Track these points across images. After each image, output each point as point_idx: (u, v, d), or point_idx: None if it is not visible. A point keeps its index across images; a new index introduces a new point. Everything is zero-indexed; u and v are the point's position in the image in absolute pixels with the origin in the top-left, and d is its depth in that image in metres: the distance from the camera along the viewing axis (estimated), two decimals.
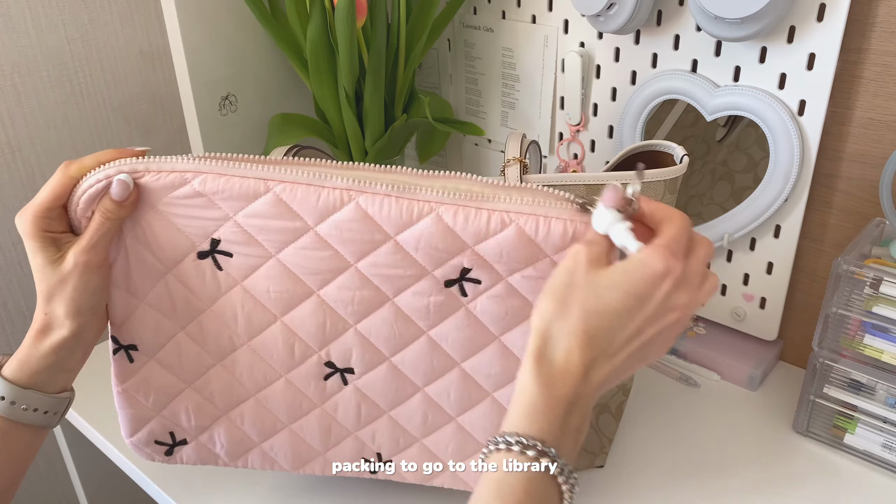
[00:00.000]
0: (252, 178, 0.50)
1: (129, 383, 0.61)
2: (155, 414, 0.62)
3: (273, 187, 0.50)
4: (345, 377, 0.59)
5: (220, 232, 0.53)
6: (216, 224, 0.53)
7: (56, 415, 0.55)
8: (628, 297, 0.42)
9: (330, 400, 0.61)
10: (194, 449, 0.64)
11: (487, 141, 1.03)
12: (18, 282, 0.91)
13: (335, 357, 0.58)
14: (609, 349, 0.42)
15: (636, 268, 0.42)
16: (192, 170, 0.51)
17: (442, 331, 0.56)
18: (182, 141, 1.02)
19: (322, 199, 0.50)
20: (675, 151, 0.61)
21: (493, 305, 0.54)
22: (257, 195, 0.50)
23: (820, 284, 0.81)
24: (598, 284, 0.42)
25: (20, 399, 0.52)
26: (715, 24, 0.69)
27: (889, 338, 0.67)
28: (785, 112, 0.72)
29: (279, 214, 0.51)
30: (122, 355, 0.60)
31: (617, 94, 0.85)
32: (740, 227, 0.79)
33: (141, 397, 0.62)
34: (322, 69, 0.87)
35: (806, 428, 0.75)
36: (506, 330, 0.55)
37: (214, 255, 0.54)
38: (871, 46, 0.69)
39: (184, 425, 0.63)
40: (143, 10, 0.92)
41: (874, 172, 0.73)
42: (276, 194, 0.50)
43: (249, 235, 0.53)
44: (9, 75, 0.84)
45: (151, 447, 0.64)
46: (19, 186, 0.88)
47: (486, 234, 0.50)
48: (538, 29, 0.89)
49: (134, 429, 0.63)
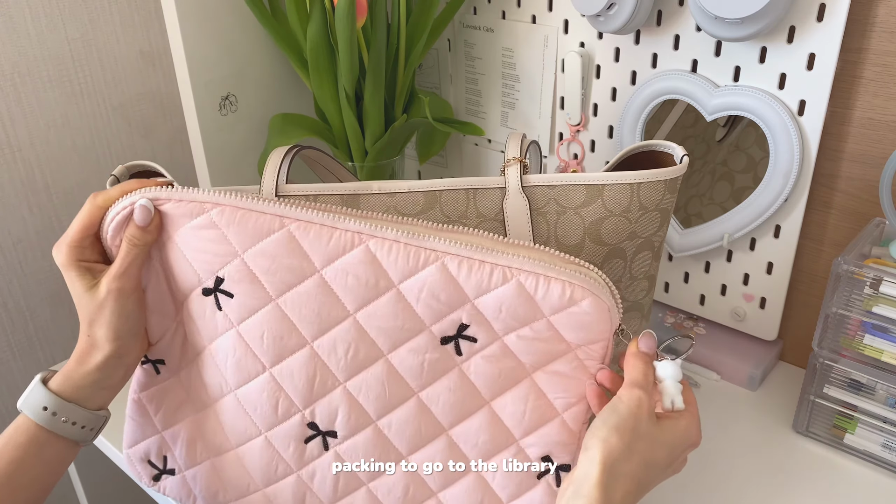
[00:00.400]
0: (269, 214, 0.52)
1: (147, 393, 0.62)
2: (157, 431, 0.63)
3: (288, 224, 0.51)
4: (326, 441, 0.58)
5: (225, 270, 0.54)
6: (223, 261, 0.53)
7: (93, 431, 0.56)
8: (671, 455, 0.50)
9: (307, 466, 0.60)
10: (178, 483, 0.64)
11: (487, 141, 1.03)
12: (18, 282, 0.91)
13: (319, 418, 0.57)
14: (645, 491, 0.50)
15: (682, 433, 0.51)
16: (212, 201, 0.52)
17: (433, 392, 0.55)
18: (182, 141, 1.02)
19: (333, 241, 0.51)
20: (675, 151, 0.61)
21: (487, 366, 0.54)
22: (271, 231, 0.52)
23: (820, 284, 0.81)
24: (655, 440, 0.49)
25: (62, 411, 0.54)
26: (715, 24, 0.69)
27: (889, 338, 0.67)
28: (785, 112, 0.72)
29: (288, 253, 0.52)
30: (149, 367, 0.61)
31: (617, 94, 0.85)
32: (740, 227, 0.79)
33: (152, 409, 0.63)
34: (322, 69, 0.87)
35: (806, 428, 0.75)
36: (497, 394, 0.55)
37: (217, 294, 0.55)
38: (870, 46, 0.69)
39: (176, 453, 0.63)
40: (143, 10, 0.92)
41: (874, 172, 0.73)
42: (290, 232, 0.51)
43: (253, 275, 0.53)
44: (9, 75, 0.84)
45: (143, 465, 0.65)
46: (19, 186, 0.88)
47: (487, 288, 0.51)
48: (538, 29, 0.89)
49: (134, 440, 0.64)
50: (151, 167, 0.66)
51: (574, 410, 0.54)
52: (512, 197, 0.61)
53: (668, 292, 0.91)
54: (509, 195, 0.61)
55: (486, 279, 0.50)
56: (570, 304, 0.50)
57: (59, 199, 0.92)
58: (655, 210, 0.61)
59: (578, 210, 0.60)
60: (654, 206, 0.60)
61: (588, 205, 0.60)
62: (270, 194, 0.62)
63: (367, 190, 0.62)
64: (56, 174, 0.91)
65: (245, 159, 1.02)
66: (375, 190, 0.62)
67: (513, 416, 0.55)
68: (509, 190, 0.61)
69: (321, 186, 0.62)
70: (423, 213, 0.62)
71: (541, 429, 0.55)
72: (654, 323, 0.90)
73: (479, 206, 0.62)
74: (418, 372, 0.55)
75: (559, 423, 0.54)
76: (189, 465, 0.63)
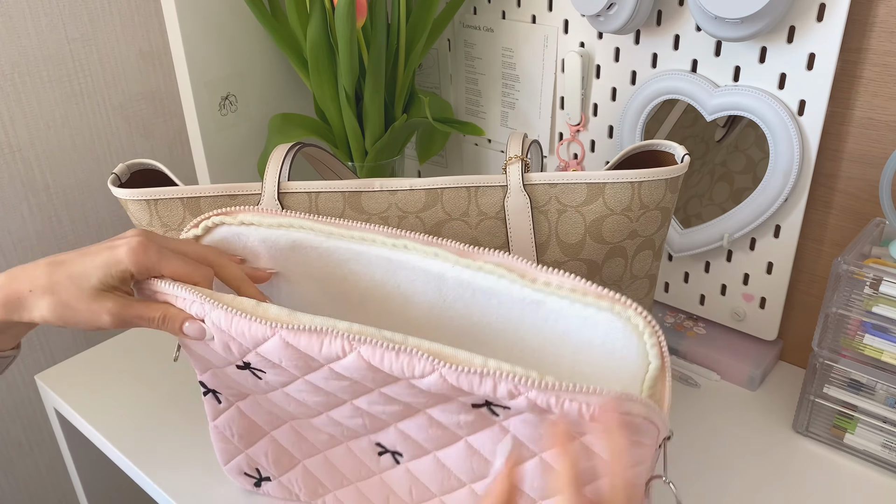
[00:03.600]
0: (258, 324, 0.49)
1: (219, 421, 0.63)
2: (241, 451, 0.64)
3: (278, 331, 0.49)
4: (396, 458, 0.58)
5: (248, 357, 0.53)
6: (242, 353, 0.52)
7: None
8: None
9: (386, 473, 0.60)
10: (277, 486, 0.66)
11: (487, 141, 1.03)
12: None
13: (384, 441, 0.57)
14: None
15: None
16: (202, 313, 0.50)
17: (479, 440, 0.53)
18: (182, 141, 1.02)
19: (325, 348, 0.48)
20: (676, 151, 0.61)
21: (527, 428, 0.49)
22: (265, 338, 0.49)
23: (820, 284, 0.81)
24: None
25: None
26: (715, 24, 0.69)
27: (889, 338, 0.67)
28: (785, 112, 0.72)
29: (289, 356, 0.50)
30: (210, 397, 0.61)
31: (617, 94, 0.85)
32: (740, 227, 0.79)
33: (228, 434, 0.63)
34: (322, 69, 0.87)
35: (806, 428, 0.75)
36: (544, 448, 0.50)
37: (251, 370, 0.54)
38: (870, 46, 0.69)
39: (265, 466, 0.64)
40: (143, 10, 0.92)
41: (874, 172, 0.73)
42: (283, 338, 0.49)
43: (273, 363, 0.52)
44: (9, 75, 0.84)
45: (242, 477, 0.67)
46: (19, 186, 0.88)
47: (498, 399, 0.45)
48: (538, 29, 0.89)
49: (225, 460, 0.66)
50: (153, 165, 0.66)
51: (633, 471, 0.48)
52: (513, 195, 0.61)
53: (668, 292, 0.91)
54: (511, 193, 0.61)
55: (491, 391, 0.44)
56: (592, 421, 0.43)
57: (59, 199, 0.92)
58: (656, 209, 0.61)
59: (580, 208, 0.61)
60: (655, 205, 0.61)
61: (589, 203, 0.60)
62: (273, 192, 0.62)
63: (368, 187, 0.62)
64: (56, 174, 0.91)
65: (245, 159, 1.02)
66: (377, 187, 0.62)
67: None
68: (511, 188, 0.61)
69: (323, 184, 0.62)
70: (425, 211, 0.62)
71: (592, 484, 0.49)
72: None
73: (480, 204, 0.62)
74: (456, 426, 0.52)
75: None
76: (282, 473, 0.65)
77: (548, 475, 0.52)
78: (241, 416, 0.62)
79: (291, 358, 0.50)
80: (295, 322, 0.48)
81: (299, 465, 0.64)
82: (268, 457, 0.64)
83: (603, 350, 0.49)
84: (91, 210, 0.96)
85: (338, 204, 0.62)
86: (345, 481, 0.63)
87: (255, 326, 0.49)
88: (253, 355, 0.51)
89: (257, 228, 0.56)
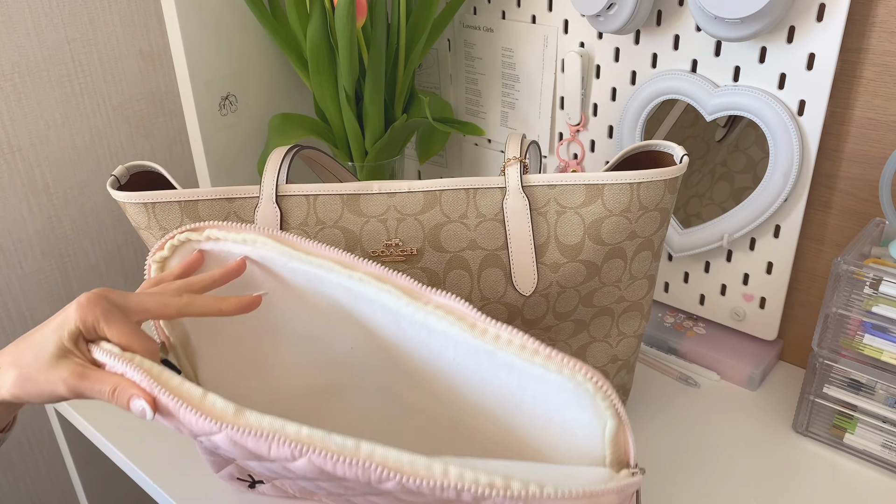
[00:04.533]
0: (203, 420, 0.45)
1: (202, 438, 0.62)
2: (231, 461, 0.64)
3: (224, 428, 0.45)
4: None
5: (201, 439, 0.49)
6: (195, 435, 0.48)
7: None
8: None
9: None
10: (271, 488, 0.66)
11: (487, 141, 1.03)
12: (18, 282, 0.91)
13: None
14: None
15: None
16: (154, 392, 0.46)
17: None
18: (182, 141, 1.02)
19: (273, 451, 0.44)
20: (674, 151, 0.61)
21: None
22: (212, 433, 0.46)
23: (820, 284, 0.81)
24: None
25: None
26: (715, 24, 0.69)
27: (889, 338, 0.67)
28: (785, 112, 0.72)
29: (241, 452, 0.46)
30: None
31: (617, 94, 0.85)
32: (740, 227, 0.79)
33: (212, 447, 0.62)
34: (322, 69, 0.87)
35: (806, 428, 0.75)
36: None
37: None
38: (870, 46, 0.69)
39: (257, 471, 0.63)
40: (143, 10, 0.92)
41: (874, 172, 0.73)
42: (229, 436, 0.45)
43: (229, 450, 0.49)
44: (9, 75, 0.84)
45: (235, 482, 0.66)
46: (19, 186, 0.88)
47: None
48: (538, 29, 0.89)
49: (216, 469, 0.66)
50: (152, 168, 0.66)
51: None
52: (512, 196, 0.61)
53: (667, 292, 0.91)
54: (509, 195, 0.61)
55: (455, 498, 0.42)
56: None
57: (59, 199, 0.92)
58: (655, 210, 0.61)
59: (578, 210, 0.61)
60: (654, 206, 0.60)
61: (588, 204, 0.60)
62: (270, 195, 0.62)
63: (367, 190, 0.62)
64: (56, 174, 0.91)
65: (245, 159, 1.02)
66: (375, 190, 0.62)
67: None
68: (509, 189, 0.61)
69: (321, 186, 0.62)
70: (423, 213, 0.62)
71: None
72: (654, 322, 0.90)
73: (479, 206, 0.62)
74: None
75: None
76: (272, 479, 0.65)
77: None
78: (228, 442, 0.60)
79: (243, 453, 0.46)
80: (240, 423, 0.44)
81: None
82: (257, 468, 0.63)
83: (559, 402, 0.48)
84: (91, 210, 0.96)
85: (336, 207, 0.62)
86: None
87: (201, 421, 0.45)
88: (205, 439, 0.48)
89: (224, 243, 0.55)
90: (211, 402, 0.45)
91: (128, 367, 0.46)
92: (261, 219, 0.63)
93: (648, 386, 0.83)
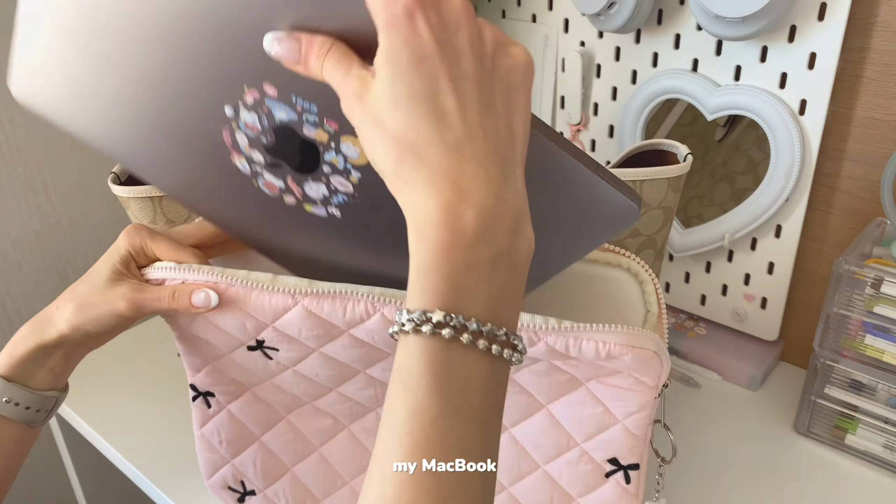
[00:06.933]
0: (280, 294, 0.49)
1: (206, 428, 0.62)
2: (227, 461, 0.64)
3: (301, 300, 0.49)
4: None
5: (262, 335, 0.53)
6: (257, 330, 0.52)
7: (39, 412, 0.54)
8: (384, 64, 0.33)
9: None
10: (261, 501, 0.65)
11: None
12: (18, 282, 0.91)
13: None
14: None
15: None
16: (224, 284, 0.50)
17: None
18: None
19: (349, 312, 0.49)
20: (678, 150, 0.61)
21: (537, 379, 0.51)
22: (287, 308, 0.50)
23: (821, 284, 0.81)
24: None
25: (3, 391, 0.51)
26: (716, 23, 0.69)
27: (890, 338, 0.67)
28: (786, 111, 0.72)
29: (312, 325, 0.50)
30: (200, 402, 0.61)
31: (617, 93, 0.85)
32: (741, 227, 0.79)
33: (216, 443, 0.63)
34: None
35: (807, 428, 0.75)
36: (552, 399, 0.53)
37: (262, 349, 0.54)
38: (872, 46, 0.69)
39: (251, 477, 0.64)
40: None
41: (875, 172, 0.73)
42: (305, 307, 0.49)
43: (290, 337, 0.52)
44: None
45: (226, 492, 0.66)
46: (18, 186, 0.88)
47: None
48: (538, 28, 0.89)
49: (209, 472, 0.65)
50: None
51: (636, 418, 0.51)
52: None
53: (668, 292, 0.91)
54: None
55: None
56: (608, 359, 0.46)
57: (58, 199, 0.92)
58: (658, 208, 0.61)
59: None
60: (657, 204, 0.60)
61: None
62: None
63: None
64: (55, 174, 0.91)
65: None
66: None
67: (570, 421, 0.53)
68: None
69: None
70: None
71: (601, 434, 0.52)
72: None
73: None
74: None
75: (621, 430, 0.52)
76: (268, 484, 0.64)
77: (554, 431, 0.53)
78: (232, 421, 0.61)
79: (312, 328, 0.50)
80: (317, 288, 0.48)
81: (288, 475, 0.63)
82: (256, 465, 0.63)
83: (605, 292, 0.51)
84: (90, 210, 0.95)
85: None
86: (338, 482, 0.62)
87: (277, 297, 0.49)
88: (269, 331, 0.51)
89: None
90: (283, 281, 0.49)
91: (190, 273, 0.50)
92: None
93: None
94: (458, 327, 0.32)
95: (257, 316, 0.51)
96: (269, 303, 0.49)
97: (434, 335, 0.32)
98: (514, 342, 0.34)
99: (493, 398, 0.34)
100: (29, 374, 0.52)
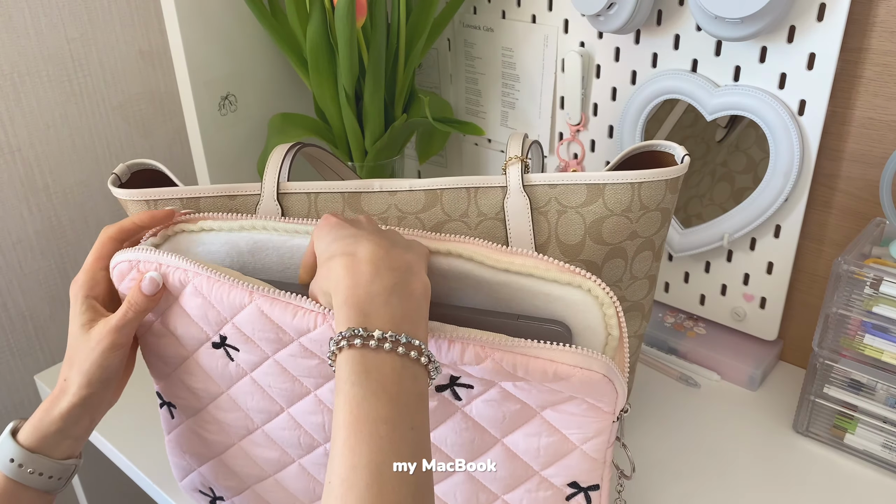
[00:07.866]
0: (238, 289, 0.51)
1: (171, 436, 0.63)
2: (194, 468, 0.64)
3: (256, 299, 0.51)
4: None
5: (224, 330, 0.54)
6: (220, 324, 0.54)
7: (60, 480, 0.56)
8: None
9: None
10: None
11: (487, 141, 1.03)
12: (18, 282, 0.91)
13: None
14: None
15: None
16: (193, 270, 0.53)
17: (441, 434, 0.54)
18: (182, 141, 1.02)
19: (297, 318, 0.50)
20: (675, 151, 0.61)
21: (489, 409, 0.51)
22: (243, 305, 0.52)
23: (820, 284, 0.81)
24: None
25: (28, 463, 0.53)
26: (715, 23, 0.69)
27: (889, 338, 0.67)
28: (785, 112, 0.72)
29: (263, 326, 0.52)
30: (165, 409, 0.62)
31: (617, 93, 0.85)
32: (740, 227, 0.79)
33: (180, 450, 0.63)
34: (322, 69, 0.87)
35: (806, 428, 0.75)
36: (507, 433, 0.52)
37: (225, 348, 0.56)
38: (871, 46, 0.69)
39: (217, 486, 0.65)
40: (143, 10, 0.92)
41: (874, 172, 0.73)
42: (258, 306, 0.51)
43: (247, 337, 0.54)
44: (8, 75, 0.84)
45: (197, 494, 0.67)
46: (19, 186, 0.88)
47: (467, 363, 0.47)
48: (538, 28, 0.89)
49: (180, 476, 0.66)
50: (153, 166, 0.66)
51: (594, 443, 0.50)
52: (513, 196, 0.61)
53: (668, 292, 0.91)
54: (510, 194, 0.61)
55: (459, 356, 0.47)
56: (556, 380, 0.46)
57: (59, 199, 0.92)
58: (656, 210, 0.61)
59: (579, 209, 0.60)
60: (655, 206, 0.60)
61: (589, 204, 0.60)
62: (272, 192, 0.62)
63: (368, 188, 0.62)
64: (55, 174, 0.91)
65: (245, 159, 1.01)
66: (377, 188, 0.62)
67: (528, 452, 0.52)
68: (510, 189, 0.61)
69: (322, 184, 0.62)
70: (424, 212, 0.61)
71: (560, 461, 0.52)
72: (655, 322, 0.90)
73: (480, 205, 0.62)
74: None
75: (580, 455, 0.51)
76: (233, 494, 0.65)
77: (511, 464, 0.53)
78: (192, 435, 0.62)
79: (264, 329, 0.51)
80: (271, 291, 0.51)
81: (249, 491, 0.64)
82: (218, 479, 0.64)
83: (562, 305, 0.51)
84: (91, 210, 0.96)
85: (337, 205, 0.62)
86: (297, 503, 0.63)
87: (235, 292, 0.51)
88: (230, 327, 0.53)
89: (218, 234, 0.56)
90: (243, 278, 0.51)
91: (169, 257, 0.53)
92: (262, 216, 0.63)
93: (649, 386, 0.83)
94: (366, 336, 0.42)
95: (218, 308, 0.52)
96: (227, 296, 0.51)
97: (351, 346, 0.42)
98: (418, 346, 0.43)
99: (408, 387, 0.42)
100: (54, 445, 0.55)
